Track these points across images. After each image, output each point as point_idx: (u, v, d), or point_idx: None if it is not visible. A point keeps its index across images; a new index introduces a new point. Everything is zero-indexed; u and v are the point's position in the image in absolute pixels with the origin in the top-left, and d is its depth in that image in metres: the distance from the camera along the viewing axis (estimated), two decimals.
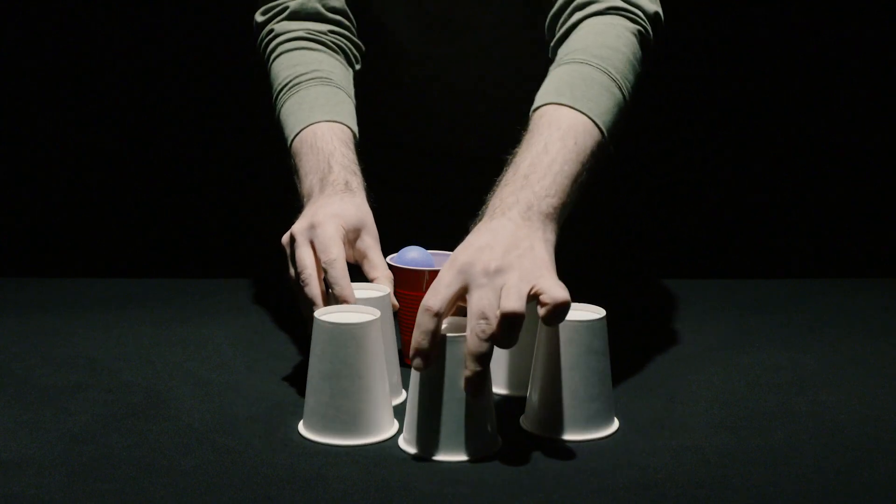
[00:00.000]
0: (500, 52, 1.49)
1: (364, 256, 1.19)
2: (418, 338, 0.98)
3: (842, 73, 2.10)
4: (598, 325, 1.06)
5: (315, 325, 1.04)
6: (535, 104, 1.18)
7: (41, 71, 2.09)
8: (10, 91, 2.10)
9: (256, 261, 2.03)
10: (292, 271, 1.15)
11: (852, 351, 1.33)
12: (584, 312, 1.09)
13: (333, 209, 1.16)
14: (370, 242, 1.19)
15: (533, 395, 1.07)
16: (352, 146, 1.29)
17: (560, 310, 0.99)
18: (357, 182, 1.23)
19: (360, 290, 1.16)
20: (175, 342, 1.33)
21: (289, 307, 1.48)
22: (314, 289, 1.11)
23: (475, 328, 0.97)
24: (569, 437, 1.05)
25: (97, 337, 1.35)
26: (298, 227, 1.16)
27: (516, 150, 1.14)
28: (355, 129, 1.32)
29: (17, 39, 2.07)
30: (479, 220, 1.09)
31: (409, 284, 1.20)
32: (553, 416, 1.05)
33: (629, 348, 1.32)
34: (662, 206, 2.20)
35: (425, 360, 0.98)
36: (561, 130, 1.12)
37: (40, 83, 2.10)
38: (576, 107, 1.14)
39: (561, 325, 1.03)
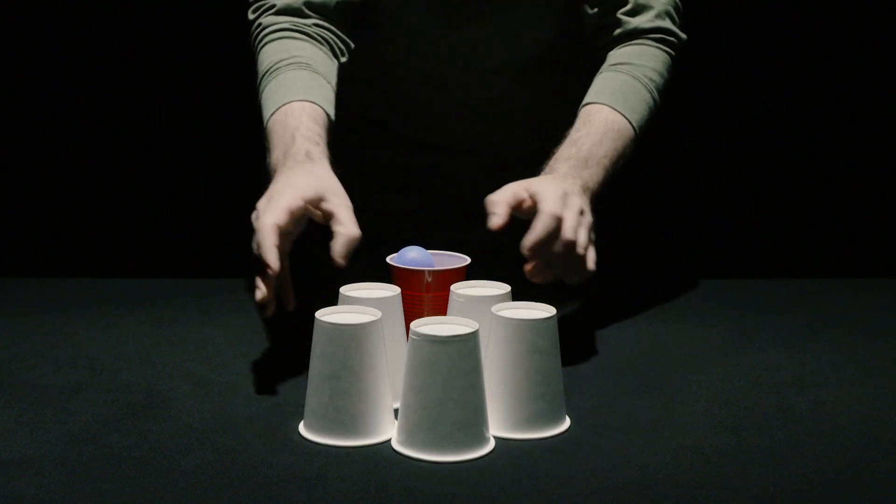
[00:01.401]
0: (513, 39, 1.51)
1: (331, 216, 1.18)
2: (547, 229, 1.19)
3: (842, 73, 2.10)
4: (542, 324, 1.05)
5: (315, 326, 1.04)
6: (594, 99, 1.39)
7: (41, 71, 2.09)
8: (10, 91, 2.09)
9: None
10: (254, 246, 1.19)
11: (852, 351, 1.33)
12: (534, 311, 1.09)
13: (291, 180, 1.20)
14: (337, 202, 1.19)
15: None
16: (321, 122, 1.31)
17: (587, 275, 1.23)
18: (319, 151, 1.25)
19: (368, 290, 1.16)
20: (175, 342, 1.33)
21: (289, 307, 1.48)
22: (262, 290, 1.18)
23: (574, 224, 1.21)
24: (510, 435, 1.05)
25: (97, 337, 1.35)
26: (260, 204, 1.20)
27: (572, 130, 1.36)
28: (329, 110, 1.35)
29: (17, 39, 2.07)
30: (548, 171, 1.31)
31: (410, 284, 1.20)
32: (496, 414, 1.05)
33: (629, 348, 1.32)
34: (662, 207, 2.20)
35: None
36: (614, 132, 1.36)
37: (40, 83, 2.10)
38: (627, 116, 1.38)
39: (506, 324, 1.05)
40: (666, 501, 0.92)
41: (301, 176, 1.20)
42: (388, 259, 1.25)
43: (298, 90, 1.34)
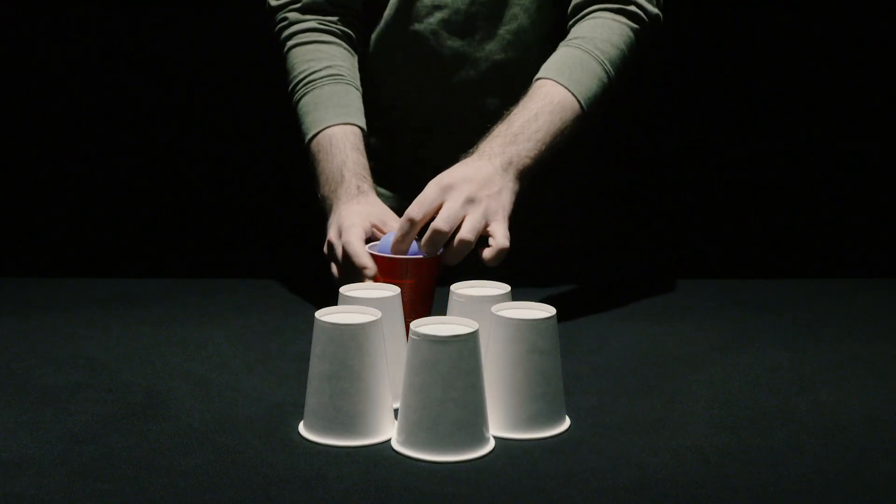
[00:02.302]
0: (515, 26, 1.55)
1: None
2: (399, 239, 1.24)
3: (842, 73, 2.10)
4: (542, 324, 1.05)
5: (316, 326, 1.04)
6: (540, 75, 1.42)
7: (41, 71, 2.09)
8: (10, 91, 2.10)
9: (256, 261, 2.03)
10: (335, 269, 1.35)
11: (852, 351, 1.33)
12: (534, 311, 1.09)
13: (353, 209, 1.37)
14: (394, 225, 1.36)
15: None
16: (362, 147, 1.47)
17: (501, 253, 1.25)
18: (367, 185, 1.43)
19: (368, 290, 1.16)
20: (175, 342, 1.33)
21: (290, 307, 1.48)
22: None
23: (437, 225, 1.24)
24: (510, 435, 1.05)
25: (97, 337, 1.35)
26: (332, 235, 1.36)
27: (513, 107, 1.39)
28: (363, 123, 1.51)
29: (17, 39, 2.07)
30: (469, 155, 1.34)
31: (392, 273, 1.21)
32: (496, 414, 1.05)
33: (629, 348, 1.32)
34: (663, 207, 2.20)
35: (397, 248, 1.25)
36: (552, 105, 1.38)
37: (40, 83, 2.10)
38: (571, 89, 1.39)
39: (506, 324, 1.05)
40: (666, 501, 0.92)
41: (361, 206, 1.38)
42: (369, 247, 1.25)
43: (338, 110, 1.49)
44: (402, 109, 1.62)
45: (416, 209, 1.24)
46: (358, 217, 1.35)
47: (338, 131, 1.47)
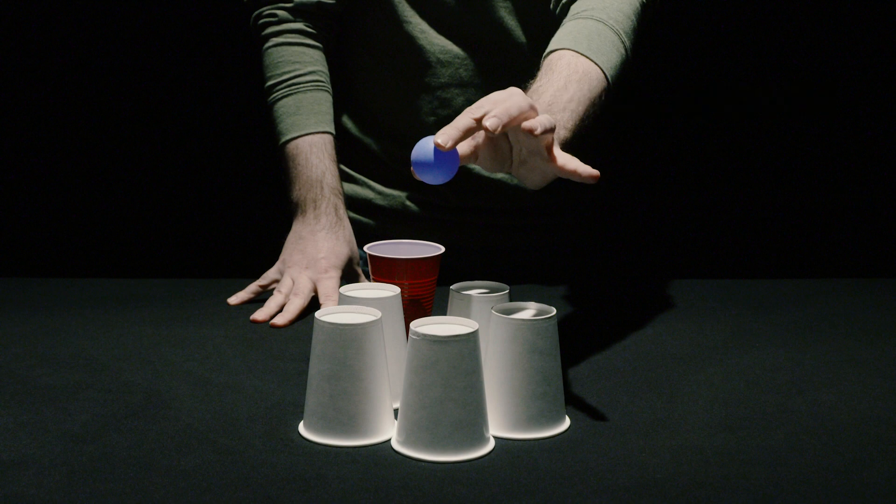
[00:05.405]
0: (522, 15, 1.55)
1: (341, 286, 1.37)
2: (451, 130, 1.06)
3: (842, 73, 2.10)
4: (542, 324, 1.05)
5: (315, 326, 1.04)
6: (553, 47, 1.30)
7: (41, 70, 2.09)
8: (10, 91, 2.10)
9: (256, 261, 2.03)
10: (288, 284, 1.45)
11: (852, 351, 1.33)
12: (534, 311, 1.09)
13: (325, 246, 1.47)
14: (353, 271, 1.51)
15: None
16: (335, 157, 1.54)
17: (549, 123, 1.07)
18: (342, 206, 1.51)
19: (368, 290, 1.16)
20: (175, 342, 1.33)
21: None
22: (293, 307, 1.41)
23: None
24: (510, 435, 1.05)
25: (97, 337, 1.35)
26: (294, 257, 1.47)
27: (535, 80, 1.26)
28: (333, 130, 1.57)
29: (17, 39, 2.07)
30: None
31: (391, 273, 1.21)
32: (495, 414, 1.05)
33: (629, 348, 1.32)
34: (663, 206, 2.20)
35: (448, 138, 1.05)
36: (578, 74, 1.25)
37: (40, 83, 2.10)
38: (591, 58, 1.28)
39: (506, 324, 1.05)
40: (666, 501, 0.92)
41: (332, 242, 1.48)
42: (367, 248, 1.25)
43: (318, 117, 1.54)
44: (386, 111, 1.62)
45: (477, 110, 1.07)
46: (328, 265, 1.45)
47: (318, 140, 1.53)
